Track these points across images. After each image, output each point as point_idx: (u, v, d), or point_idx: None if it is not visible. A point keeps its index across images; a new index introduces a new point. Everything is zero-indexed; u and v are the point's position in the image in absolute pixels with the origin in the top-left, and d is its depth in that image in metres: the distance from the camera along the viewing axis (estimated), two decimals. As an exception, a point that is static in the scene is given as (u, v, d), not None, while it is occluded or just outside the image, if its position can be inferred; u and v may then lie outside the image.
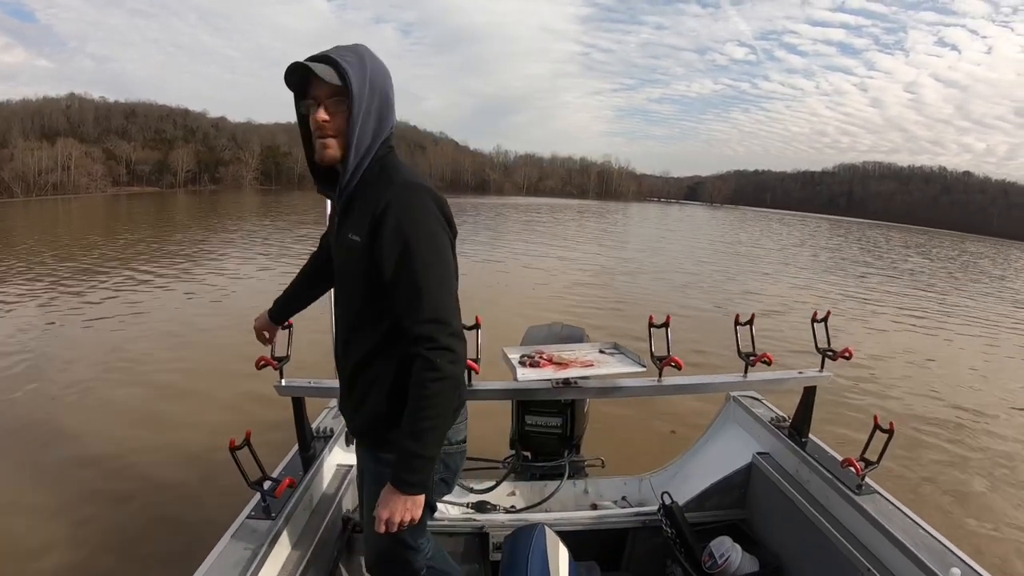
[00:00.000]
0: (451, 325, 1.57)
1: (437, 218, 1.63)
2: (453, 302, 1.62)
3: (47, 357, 7.55)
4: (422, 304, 1.55)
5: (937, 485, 5.26)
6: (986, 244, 72.64)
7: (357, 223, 1.64)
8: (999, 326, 14.14)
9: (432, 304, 1.56)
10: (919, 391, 8.13)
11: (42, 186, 73.59)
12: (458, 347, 1.57)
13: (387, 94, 1.65)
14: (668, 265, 21.10)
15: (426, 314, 1.55)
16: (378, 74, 1.62)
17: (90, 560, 3.61)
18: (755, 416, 2.92)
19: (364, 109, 1.58)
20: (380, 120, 1.64)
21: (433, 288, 1.57)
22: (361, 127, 1.59)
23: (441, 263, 1.61)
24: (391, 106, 1.66)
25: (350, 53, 1.59)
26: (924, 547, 1.91)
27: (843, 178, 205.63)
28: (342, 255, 1.73)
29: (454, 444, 1.84)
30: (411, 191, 1.60)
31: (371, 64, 1.61)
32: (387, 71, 1.66)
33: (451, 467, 1.86)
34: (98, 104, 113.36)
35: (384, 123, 1.65)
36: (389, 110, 1.66)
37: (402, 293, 1.58)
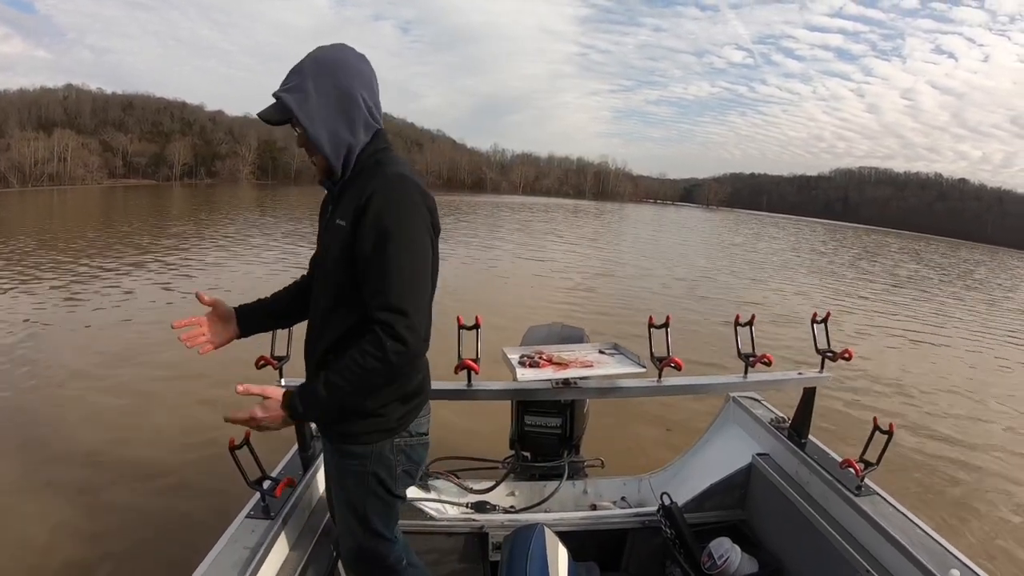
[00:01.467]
0: (410, 318, 1.56)
1: (420, 213, 1.64)
2: (420, 297, 1.61)
3: (33, 356, 7.48)
4: (387, 291, 1.56)
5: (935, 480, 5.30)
6: (983, 252, 72.83)
7: (344, 209, 1.66)
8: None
9: (397, 293, 1.56)
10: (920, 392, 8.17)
11: (38, 177, 73.44)
12: (411, 340, 1.56)
13: (342, 90, 1.65)
14: (662, 267, 21.05)
15: (389, 301, 1.56)
16: (324, 78, 1.63)
17: (89, 561, 3.58)
18: (755, 417, 2.93)
19: (318, 121, 1.63)
20: (348, 116, 1.66)
21: (401, 278, 1.58)
22: (327, 134, 1.65)
23: (415, 256, 1.62)
24: (352, 97, 1.65)
25: (295, 75, 1.64)
26: (923, 548, 1.92)
27: (839, 183, 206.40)
28: (327, 240, 1.75)
29: (415, 436, 1.86)
30: (397, 182, 1.63)
31: (315, 73, 1.63)
32: (342, 67, 1.66)
33: (413, 459, 1.88)
34: (95, 96, 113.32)
35: (353, 118, 1.67)
36: (352, 104, 1.66)
37: (371, 278, 1.60)
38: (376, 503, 1.84)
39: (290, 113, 1.62)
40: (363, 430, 1.76)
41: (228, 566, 1.71)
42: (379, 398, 1.73)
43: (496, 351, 2.69)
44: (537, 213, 51.49)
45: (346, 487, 1.84)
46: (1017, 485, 5.54)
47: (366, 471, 1.79)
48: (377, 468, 1.79)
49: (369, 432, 1.76)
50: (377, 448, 1.78)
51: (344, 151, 1.67)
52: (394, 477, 1.83)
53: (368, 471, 1.79)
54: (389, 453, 1.80)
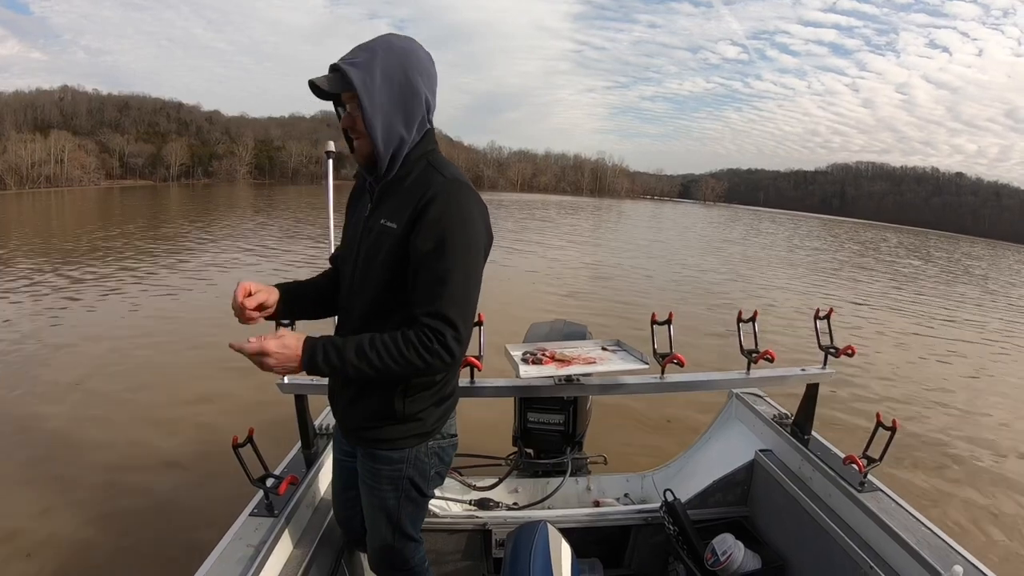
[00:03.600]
0: (460, 332, 1.53)
1: (478, 223, 1.61)
2: (470, 310, 1.58)
3: (35, 354, 7.49)
4: (441, 300, 1.52)
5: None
6: (983, 246, 72.84)
7: (395, 210, 1.61)
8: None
9: (451, 303, 1.53)
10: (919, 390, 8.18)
11: (35, 178, 73.35)
12: (457, 353, 1.54)
13: (408, 83, 1.59)
14: (659, 264, 21.06)
15: (441, 310, 1.52)
16: (394, 66, 1.57)
17: (89, 560, 3.59)
18: (758, 413, 2.93)
19: (377, 104, 1.56)
20: (408, 110, 1.60)
21: (456, 287, 1.54)
22: (382, 122, 1.58)
23: (471, 268, 1.58)
24: (416, 93, 1.60)
25: (363, 51, 1.57)
26: (926, 545, 1.91)
27: (836, 178, 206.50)
28: (369, 241, 1.68)
29: (447, 437, 1.86)
30: (460, 188, 1.59)
31: (386, 57, 1.57)
32: (412, 59, 1.60)
33: (444, 460, 1.88)
34: (91, 96, 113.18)
35: (413, 113, 1.62)
36: (414, 99, 1.61)
37: (423, 283, 1.55)
38: (409, 506, 1.84)
39: (350, 88, 1.54)
40: (400, 435, 1.75)
41: (232, 563, 1.71)
42: (418, 402, 1.72)
43: (499, 348, 2.69)
44: (536, 211, 51.42)
45: (381, 492, 1.82)
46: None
47: (401, 476, 1.78)
48: (412, 473, 1.79)
49: (406, 437, 1.75)
50: (413, 452, 1.78)
51: (395, 145, 1.61)
52: (427, 479, 1.83)
53: (404, 476, 1.78)
54: (424, 457, 1.79)
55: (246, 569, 1.69)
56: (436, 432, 1.81)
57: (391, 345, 1.52)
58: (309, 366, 1.53)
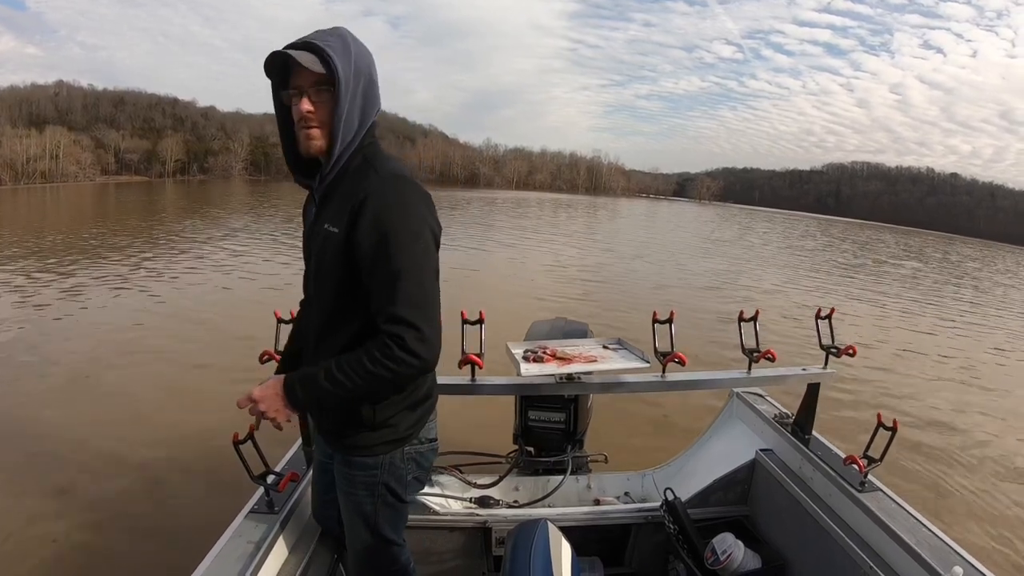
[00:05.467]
0: (423, 331, 1.49)
1: (421, 213, 1.56)
2: (431, 307, 1.53)
3: (41, 350, 7.46)
4: (395, 302, 1.48)
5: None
6: (979, 247, 73.05)
7: (335, 214, 1.56)
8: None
9: (406, 305, 1.48)
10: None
11: (30, 174, 73.01)
12: (424, 354, 1.50)
13: (372, 77, 1.58)
14: (658, 265, 21.08)
15: (398, 313, 1.48)
16: (362, 57, 1.55)
17: (90, 558, 3.57)
18: (758, 413, 2.93)
19: (350, 96, 1.53)
20: (366, 105, 1.58)
21: (409, 286, 1.49)
22: (348, 115, 1.53)
23: (421, 260, 1.53)
24: (376, 91, 1.60)
25: (333, 37, 1.53)
26: (927, 545, 1.92)
27: (831, 177, 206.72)
28: (316, 247, 1.64)
29: (424, 443, 1.83)
30: (395, 182, 1.54)
31: (355, 47, 1.55)
32: (370, 54, 1.59)
33: (422, 465, 1.85)
34: (87, 92, 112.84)
35: (370, 108, 1.59)
36: (374, 95, 1.60)
37: (375, 288, 1.51)
38: (386, 511, 1.82)
39: (331, 69, 1.49)
40: (373, 442, 1.72)
41: (232, 560, 1.71)
42: (388, 408, 1.69)
43: (500, 346, 2.68)
44: (531, 209, 51.44)
45: (354, 496, 1.80)
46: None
47: (377, 481, 1.76)
48: (388, 478, 1.76)
49: (379, 443, 1.72)
50: (387, 459, 1.74)
51: (350, 138, 1.56)
52: (404, 485, 1.81)
53: (379, 481, 1.76)
54: (400, 462, 1.76)
55: (246, 566, 1.69)
56: (412, 437, 1.77)
57: (356, 364, 1.50)
58: (293, 403, 1.55)
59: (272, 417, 1.56)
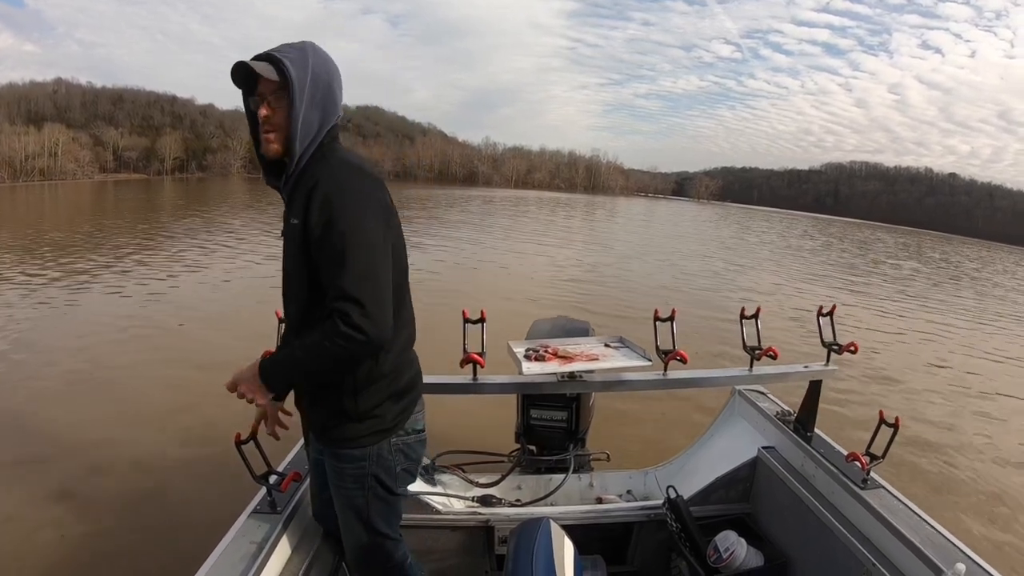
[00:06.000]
0: (366, 308, 1.52)
1: (367, 198, 1.63)
2: (376, 287, 1.57)
3: (35, 347, 7.46)
4: (340, 278, 1.53)
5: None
6: (981, 248, 73.11)
7: (296, 207, 1.63)
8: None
9: (350, 279, 1.52)
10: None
11: (29, 172, 72.92)
12: (369, 330, 1.52)
13: (330, 87, 1.67)
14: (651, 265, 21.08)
15: (343, 290, 1.52)
16: (321, 68, 1.65)
17: (92, 557, 3.57)
18: (760, 410, 2.94)
19: (305, 102, 1.61)
20: (324, 112, 1.67)
21: (354, 263, 1.53)
22: (303, 120, 1.62)
23: (366, 245, 1.57)
24: (335, 99, 1.69)
25: (292, 49, 1.62)
26: (929, 543, 1.92)
27: (830, 177, 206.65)
28: (286, 243, 1.71)
29: (411, 434, 1.87)
30: (342, 169, 1.63)
31: (314, 59, 1.64)
32: (333, 66, 1.70)
33: (411, 457, 1.89)
34: (85, 89, 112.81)
35: (328, 114, 1.68)
36: (332, 102, 1.68)
37: (324, 266, 1.57)
38: (378, 504, 1.85)
39: (285, 79, 1.59)
40: (359, 433, 1.76)
41: (235, 560, 1.71)
42: (370, 398, 1.73)
43: (501, 345, 2.68)
44: (530, 208, 51.36)
45: (345, 490, 1.84)
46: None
47: (365, 473, 1.79)
48: (376, 470, 1.80)
49: (366, 435, 1.76)
50: (375, 450, 1.79)
51: (309, 140, 1.65)
52: (393, 476, 1.85)
53: (367, 473, 1.79)
54: (387, 454, 1.81)
55: (249, 566, 1.69)
56: (398, 428, 1.82)
57: (311, 343, 1.56)
58: (267, 384, 1.62)
59: (251, 399, 1.63)
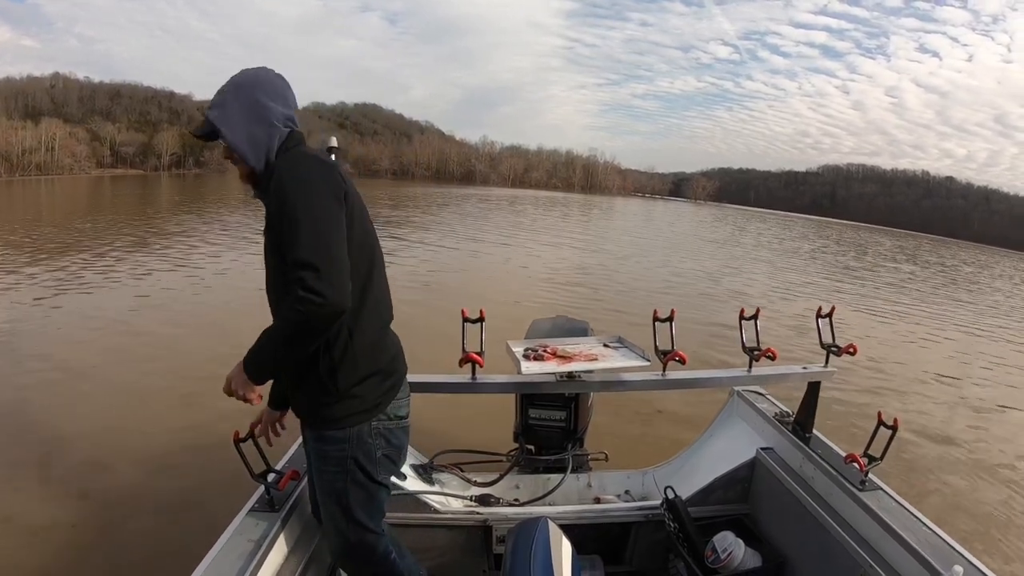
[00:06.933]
0: (320, 271, 1.55)
1: (315, 177, 1.69)
2: (329, 252, 1.60)
3: (31, 344, 7.43)
4: (294, 249, 1.58)
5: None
6: (980, 251, 73.23)
7: (268, 207, 1.73)
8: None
9: (301, 247, 1.57)
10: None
11: (25, 166, 72.76)
12: (326, 292, 1.55)
13: (257, 101, 1.74)
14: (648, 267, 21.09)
15: (297, 257, 1.57)
16: (243, 92, 1.74)
17: (90, 555, 3.56)
18: (759, 411, 2.93)
19: (236, 128, 1.73)
20: (262, 124, 1.74)
21: (305, 232, 1.59)
22: (248, 138, 1.73)
23: (318, 216, 1.63)
24: (266, 107, 1.74)
25: (217, 94, 1.76)
26: (927, 544, 1.92)
27: (827, 179, 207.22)
28: (264, 239, 1.78)
29: (393, 419, 1.90)
30: (294, 159, 1.73)
31: (235, 89, 1.75)
32: (261, 78, 1.79)
33: (393, 443, 1.91)
34: (83, 84, 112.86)
35: (267, 126, 1.74)
36: (265, 115, 1.74)
37: (282, 243, 1.63)
38: (358, 491, 1.86)
39: (214, 126, 1.72)
40: (341, 413, 1.79)
41: (233, 558, 1.71)
42: (348, 374, 1.77)
43: (500, 344, 2.68)
44: (527, 207, 51.30)
45: (327, 474, 1.86)
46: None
47: (345, 455, 1.82)
48: (356, 452, 1.82)
49: (347, 415, 1.80)
50: (355, 431, 1.81)
51: (263, 151, 1.74)
52: (374, 462, 1.86)
53: (347, 455, 1.82)
54: (368, 437, 1.83)
55: (247, 564, 1.69)
56: (380, 411, 1.85)
57: (278, 322, 1.65)
58: (252, 375, 1.67)
59: (244, 395, 1.67)
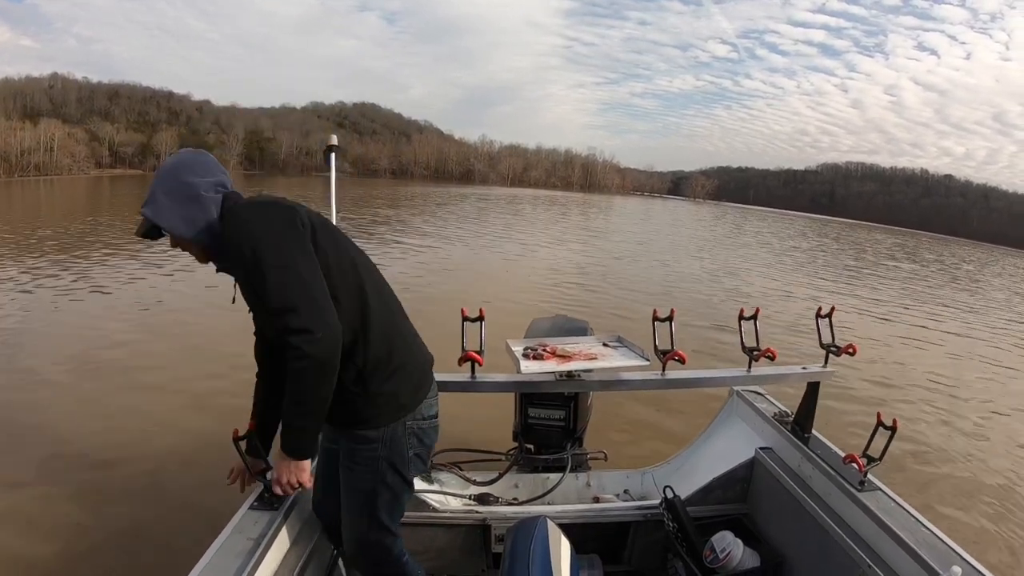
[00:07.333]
0: (298, 310, 1.59)
1: (261, 219, 1.71)
2: (302, 287, 1.63)
3: (28, 342, 7.43)
4: (268, 301, 1.63)
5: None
6: (972, 248, 73.22)
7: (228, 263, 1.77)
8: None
9: (275, 297, 1.62)
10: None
11: (24, 167, 72.64)
12: (314, 325, 1.59)
13: (185, 184, 1.72)
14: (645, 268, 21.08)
15: (274, 305, 1.62)
16: (169, 181, 1.72)
17: (87, 555, 3.55)
18: (758, 411, 2.93)
19: (174, 218, 1.71)
20: (194, 203, 1.72)
21: (274, 279, 1.62)
22: (183, 224, 1.72)
23: (274, 257, 1.64)
24: (193, 186, 1.72)
25: (148, 192, 1.74)
26: (925, 545, 1.91)
27: (825, 177, 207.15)
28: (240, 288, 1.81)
29: (426, 419, 1.93)
30: (234, 215, 1.73)
31: (161, 181, 1.73)
32: (182, 165, 1.75)
33: (424, 442, 1.94)
34: (81, 85, 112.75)
35: (200, 200, 1.73)
36: (193, 190, 1.72)
37: (260, 298, 1.66)
38: (386, 492, 1.89)
39: (152, 222, 1.71)
40: (374, 413, 1.82)
41: (232, 556, 1.70)
42: (378, 380, 1.80)
43: (500, 343, 2.69)
44: (525, 207, 51.28)
45: (355, 474, 1.88)
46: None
47: (377, 456, 1.84)
48: (390, 453, 1.85)
49: (380, 414, 1.83)
50: (390, 431, 1.84)
51: (204, 227, 1.73)
52: (406, 462, 1.89)
53: (379, 456, 1.84)
54: (402, 436, 1.86)
55: (245, 562, 1.68)
56: (412, 408, 1.87)
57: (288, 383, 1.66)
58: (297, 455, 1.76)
59: (300, 480, 1.78)
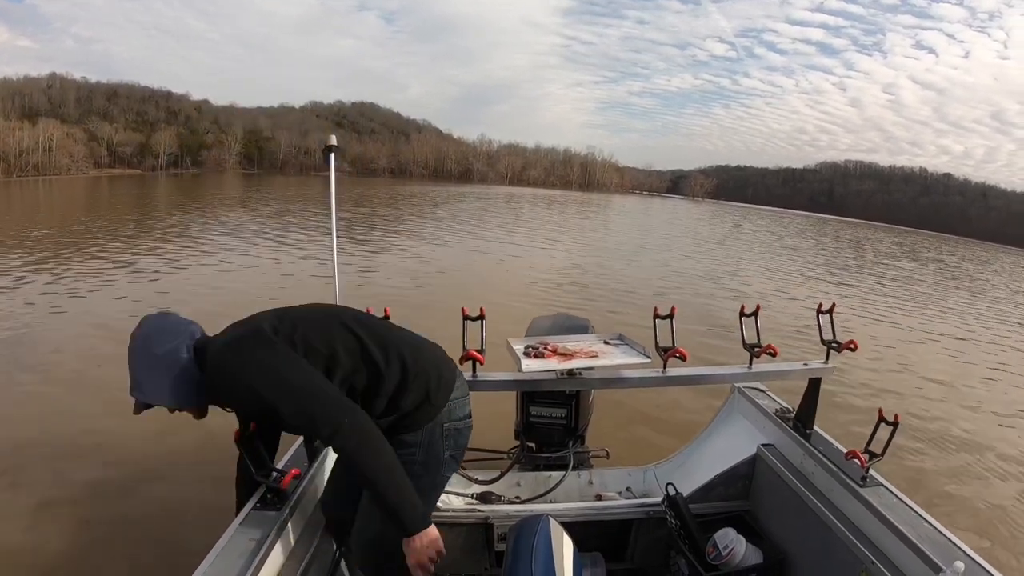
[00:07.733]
0: (316, 419, 1.68)
1: (240, 359, 1.74)
2: (304, 401, 1.69)
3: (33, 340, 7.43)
4: (288, 426, 1.79)
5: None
6: (971, 246, 73.21)
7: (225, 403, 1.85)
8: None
9: (291, 420, 1.71)
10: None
11: (23, 167, 72.58)
12: (337, 420, 1.66)
13: (157, 357, 1.76)
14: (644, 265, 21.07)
15: (295, 425, 1.76)
16: (141, 359, 1.77)
17: (88, 555, 3.55)
18: (760, 408, 2.92)
19: (162, 394, 1.77)
20: (176, 370, 1.76)
21: (284, 411, 1.69)
22: (173, 393, 1.77)
23: (271, 387, 1.69)
24: (170, 352, 1.76)
25: (130, 374, 1.79)
26: (928, 540, 1.91)
27: (824, 176, 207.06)
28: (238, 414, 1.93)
29: (460, 420, 1.96)
30: (214, 367, 1.76)
31: (136, 359, 1.78)
32: (148, 339, 1.79)
33: (459, 442, 1.97)
34: (80, 84, 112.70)
35: (177, 369, 1.76)
36: (172, 357, 1.76)
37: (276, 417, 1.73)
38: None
39: (147, 401, 1.77)
40: (411, 420, 1.86)
41: (235, 556, 1.70)
42: (407, 391, 1.84)
43: (501, 342, 2.69)
44: (524, 206, 51.20)
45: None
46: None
47: (415, 460, 1.86)
48: (426, 456, 1.88)
49: (417, 419, 1.86)
50: (427, 433, 1.88)
51: (192, 388, 1.77)
52: (440, 463, 1.93)
53: (416, 460, 1.86)
54: (439, 438, 1.89)
55: (248, 562, 1.68)
56: (442, 406, 1.89)
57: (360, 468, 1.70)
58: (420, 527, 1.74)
59: (438, 550, 1.76)
